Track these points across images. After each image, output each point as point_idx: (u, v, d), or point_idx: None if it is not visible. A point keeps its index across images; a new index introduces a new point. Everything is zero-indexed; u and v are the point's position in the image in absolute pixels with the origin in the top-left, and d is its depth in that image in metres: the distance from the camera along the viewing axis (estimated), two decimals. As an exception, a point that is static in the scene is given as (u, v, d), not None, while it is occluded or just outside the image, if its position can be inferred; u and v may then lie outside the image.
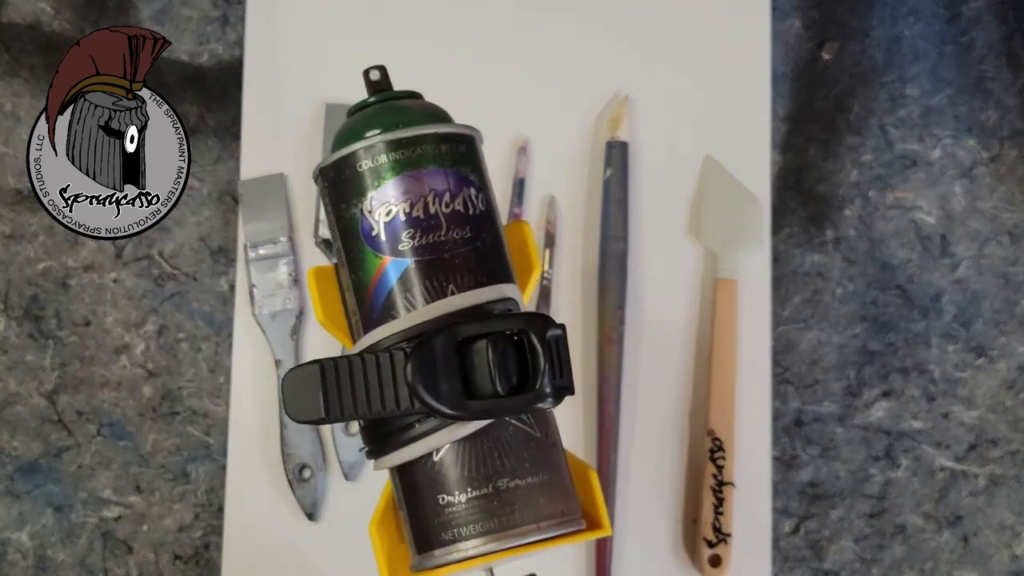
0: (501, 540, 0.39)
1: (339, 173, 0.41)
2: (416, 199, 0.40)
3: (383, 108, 0.42)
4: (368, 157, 0.40)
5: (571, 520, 0.41)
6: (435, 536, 0.40)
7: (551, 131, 0.68)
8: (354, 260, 0.41)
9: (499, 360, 0.38)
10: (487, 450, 0.39)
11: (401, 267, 0.39)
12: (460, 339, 0.38)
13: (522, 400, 0.38)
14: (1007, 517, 0.67)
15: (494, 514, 0.39)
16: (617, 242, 0.66)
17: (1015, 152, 0.70)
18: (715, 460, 0.63)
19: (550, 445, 0.41)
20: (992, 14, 0.71)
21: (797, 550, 0.66)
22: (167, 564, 0.65)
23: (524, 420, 0.40)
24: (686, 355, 0.67)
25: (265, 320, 0.65)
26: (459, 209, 0.40)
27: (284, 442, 0.64)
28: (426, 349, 0.37)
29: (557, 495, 0.40)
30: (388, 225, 0.40)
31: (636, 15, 0.70)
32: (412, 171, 0.40)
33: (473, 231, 0.40)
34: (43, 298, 0.67)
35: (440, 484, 0.39)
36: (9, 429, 0.66)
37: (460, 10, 0.70)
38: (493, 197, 0.42)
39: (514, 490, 0.39)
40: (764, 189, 0.68)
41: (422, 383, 0.37)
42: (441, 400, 0.37)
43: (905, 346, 0.68)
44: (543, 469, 0.40)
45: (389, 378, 0.38)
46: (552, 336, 0.39)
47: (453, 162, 0.41)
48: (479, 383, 0.38)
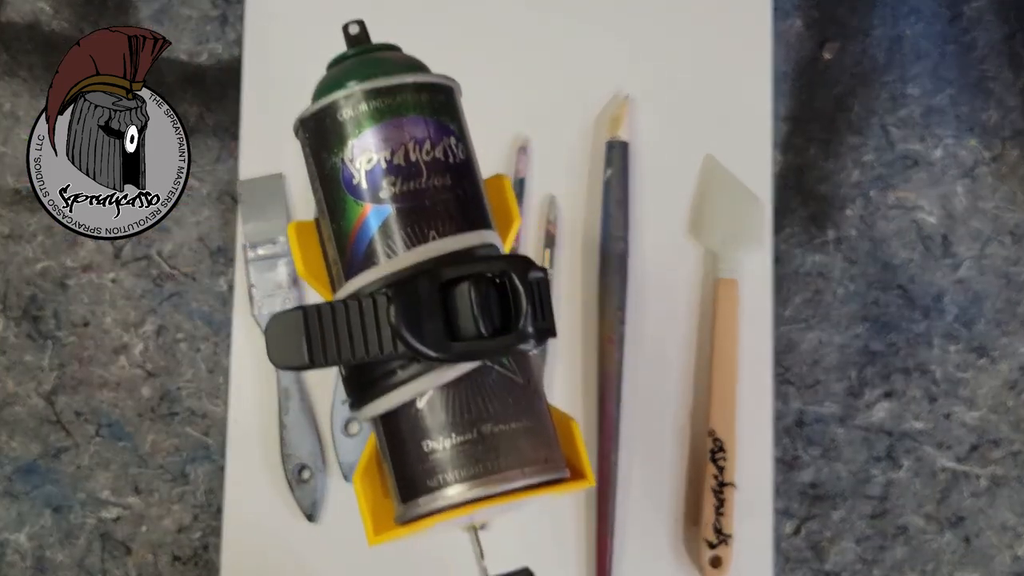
0: (486, 485, 0.39)
1: (320, 123, 0.41)
2: (397, 147, 0.40)
3: (362, 59, 0.42)
4: (348, 106, 0.40)
5: (555, 467, 0.41)
6: (420, 483, 0.39)
7: (551, 131, 0.68)
8: (335, 209, 0.41)
9: (482, 302, 0.38)
10: (470, 396, 0.39)
11: (382, 214, 0.40)
12: (443, 281, 0.38)
13: (505, 341, 0.39)
14: (1009, 518, 0.66)
15: (479, 459, 0.39)
16: (617, 242, 0.66)
17: (1017, 152, 0.70)
18: (716, 461, 0.63)
19: (533, 392, 0.41)
20: (993, 14, 0.71)
21: (798, 551, 0.66)
22: (166, 565, 0.65)
23: (507, 366, 0.40)
24: (687, 355, 0.66)
25: (264, 320, 0.65)
26: (439, 157, 0.40)
27: (283, 443, 0.64)
28: (409, 291, 0.38)
29: (540, 442, 0.40)
30: (369, 173, 0.40)
31: (636, 15, 0.70)
32: (392, 119, 0.40)
33: (453, 179, 0.40)
34: (42, 298, 0.67)
35: (424, 430, 0.39)
36: (8, 430, 0.66)
37: (460, 10, 0.70)
38: (472, 148, 0.43)
39: (498, 435, 0.39)
40: (765, 189, 0.68)
41: (406, 325, 0.37)
42: (425, 342, 0.37)
43: (906, 346, 0.68)
44: (526, 415, 0.40)
45: (372, 322, 0.38)
46: (534, 278, 0.39)
47: (433, 111, 0.41)
48: (462, 325, 0.38)
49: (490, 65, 0.69)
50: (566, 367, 0.66)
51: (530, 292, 0.39)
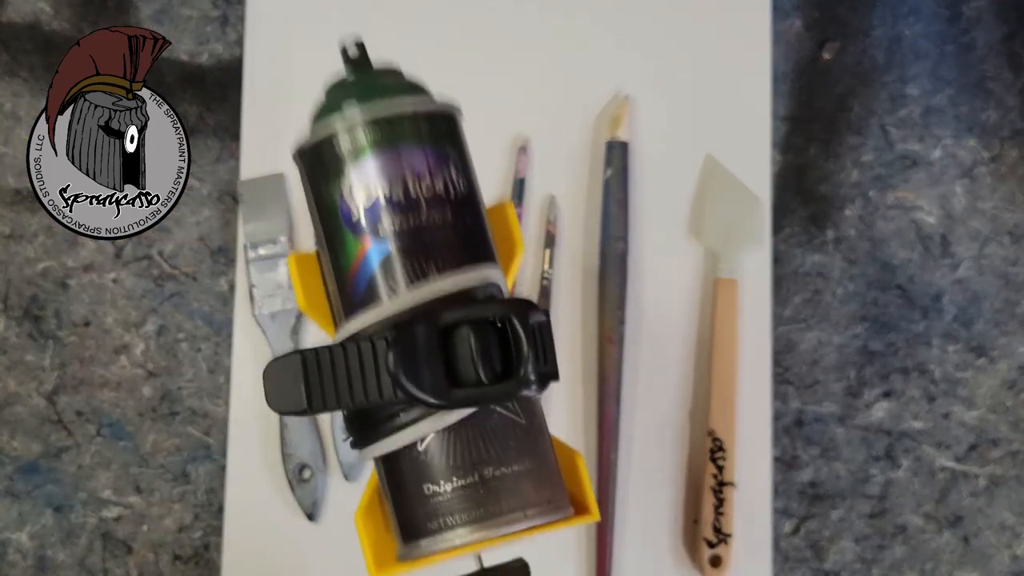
0: (487, 529, 0.38)
1: (318, 155, 0.40)
2: (395, 181, 0.39)
3: (361, 83, 0.41)
4: (347, 137, 0.39)
5: (558, 507, 0.40)
6: (421, 525, 0.39)
7: (551, 131, 0.68)
8: (334, 244, 0.40)
9: (482, 347, 0.37)
10: (472, 438, 0.39)
11: (382, 251, 0.39)
12: (442, 326, 0.37)
13: (506, 387, 0.38)
14: (1008, 517, 0.67)
15: (480, 503, 0.38)
16: (617, 242, 0.66)
17: (1016, 152, 0.70)
18: (715, 460, 0.63)
19: (536, 432, 0.40)
20: (993, 14, 0.71)
21: (798, 550, 0.66)
22: (167, 564, 0.65)
23: (509, 408, 0.39)
24: (686, 355, 0.67)
25: (265, 320, 0.65)
26: (439, 191, 0.39)
27: (284, 442, 0.64)
28: (408, 337, 0.37)
29: (543, 483, 0.40)
30: (368, 209, 0.39)
31: (636, 15, 0.70)
32: (391, 149, 0.39)
33: (454, 213, 0.40)
34: (43, 298, 0.67)
35: (425, 473, 0.39)
36: (9, 429, 0.66)
37: (460, 10, 0.70)
38: (475, 177, 0.42)
39: (500, 478, 0.39)
40: (764, 189, 0.68)
41: (404, 372, 0.37)
42: (424, 389, 0.37)
43: (906, 346, 0.68)
44: (529, 457, 0.39)
45: (372, 367, 0.37)
46: (535, 322, 0.39)
47: (433, 140, 0.40)
48: (462, 371, 0.37)
49: (490, 65, 0.69)
50: (566, 367, 0.66)
51: (531, 336, 0.38)
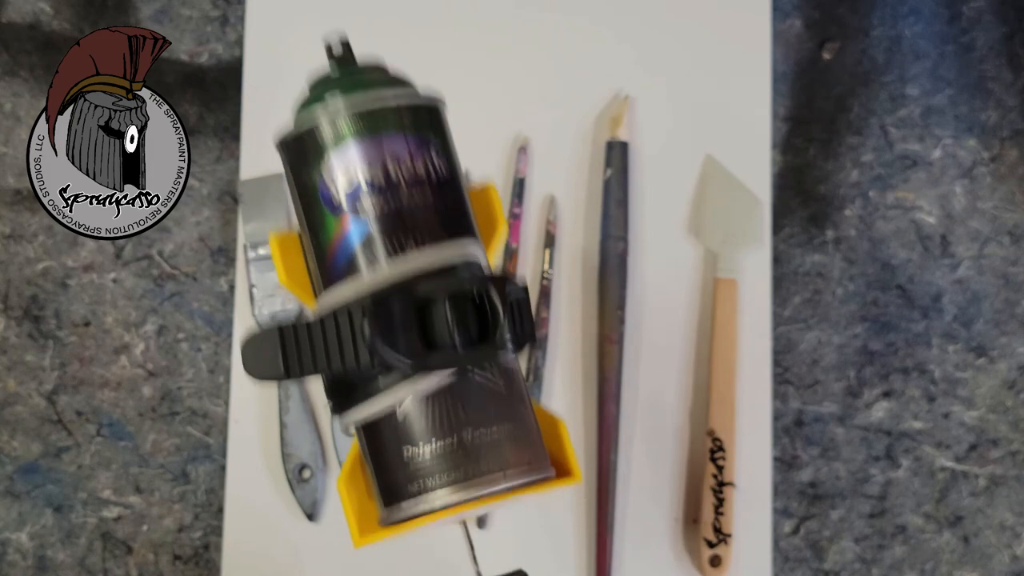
0: (468, 489, 0.39)
1: (300, 143, 0.41)
2: (376, 163, 0.40)
3: (344, 75, 0.43)
4: (328, 122, 0.40)
5: (538, 468, 0.41)
6: (401, 488, 0.40)
7: (551, 131, 0.68)
8: (315, 224, 0.41)
9: (458, 317, 0.39)
10: (451, 403, 0.39)
11: (361, 229, 0.40)
12: (419, 296, 0.39)
13: (481, 351, 0.39)
14: (1007, 517, 0.67)
15: (459, 464, 0.39)
16: (617, 242, 0.66)
17: (1016, 152, 0.70)
18: (715, 460, 0.63)
19: (515, 398, 0.41)
20: (993, 14, 0.71)
21: (797, 550, 0.66)
22: (167, 564, 0.65)
23: (487, 376, 0.40)
24: (686, 355, 0.67)
25: (265, 320, 0.65)
26: (420, 173, 0.40)
27: (284, 442, 0.64)
28: (384, 306, 0.38)
29: (523, 445, 0.41)
30: (348, 189, 0.40)
31: (636, 15, 0.70)
32: (372, 136, 0.40)
33: (435, 194, 0.41)
34: (43, 298, 0.67)
35: (404, 436, 0.40)
36: (9, 429, 0.66)
37: (460, 10, 0.70)
38: (457, 162, 0.43)
39: (479, 440, 0.39)
40: (764, 189, 0.68)
41: (381, 338, 0.37)
42: (400, 352, 0.38)
43: (905, 346, 0.68)
44: (508, 420, 0.40)
45: (348, 335, 0.38)
46: (512, 294, 0.40)
47: (415, 128, 0.41)
48: (439, 337, 0.38)
49: (490, 65, 0.69)
50: (566, 367, 0.66)
51: (508, 306, 0.39)
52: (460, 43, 0.69)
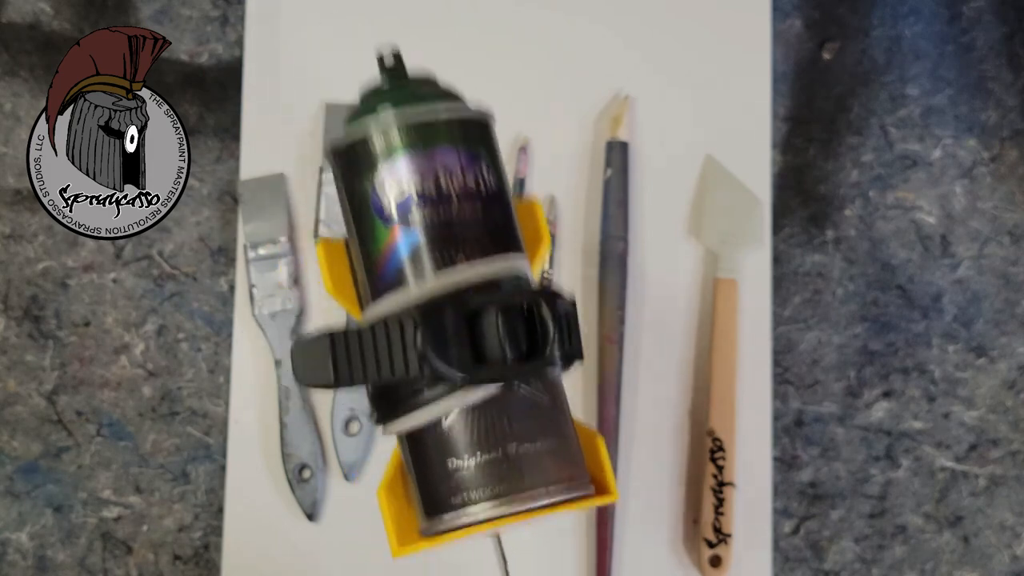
0: (510, 504, 0.39)
1: (351, 152, 0.41)
2: (428, 175, 0.40)
3: (397, 87, 0.43)
4: (380, 134, 0.41)
5: (579, 485, 0.41)
6: (444, 500, 0.40)
7: (551, 131, 0.68)
8: (364, 234, 0.41)
9: (509, 329, 0.39)
10: (496, 416, 0.39)
11: (411, 240, 0.40)
12: (470, 309, 0.39)
13: (531, 366, 0.39)
14: (1007, 517, 0.67)
15: (503, 478, 0.39)
16: (617, 242, 0.66)
17: (1016, 152, 0.70)
18: (715, 460, 0.63)
19: (559, 412, 0.41)
20: (993, 14, 0.71)
21: (797, 550, 0.66)
22: (167, 564, 0.65)
23: (533, 388, 0.40)
24: (686, 355, 0.67)
25: (265, 320, 0.65)
26: (471, 186, 0.41)
27: (284, 442, 0.64)
28: (436, 317, 0.38)
29: (565, 460, 0.41)
30: (399, 200, 0.40)
31: (636, 15, 0.70)
32: (424, 149, 0.40)
33: (484, 208, 0.41)
34: (43, 298, 0.67)
35: (449, 448, 0.40)
36: (9, 429, 0.66)
37: (460, 10, 0.70)
38: (505, 176, 0.43)
39: (523, 454, 0.39)
40: (764, 189, 0.68)
41: (432, 349, 0.38)
42: (451, 365, 0.38)
43: (905, 346, 0.68)
44: (552, 435, 0.40)
45: (399, 344, 0.38)
46: (562, 307, 0.40)
47: (465, 142, 0.41)
48: (488, 350, 0.38)
49: (490, 65, 0.69)
50: (566, 367, 0.66)
51: (558, 320, 0.39)
52: (460, 43, 0.69)
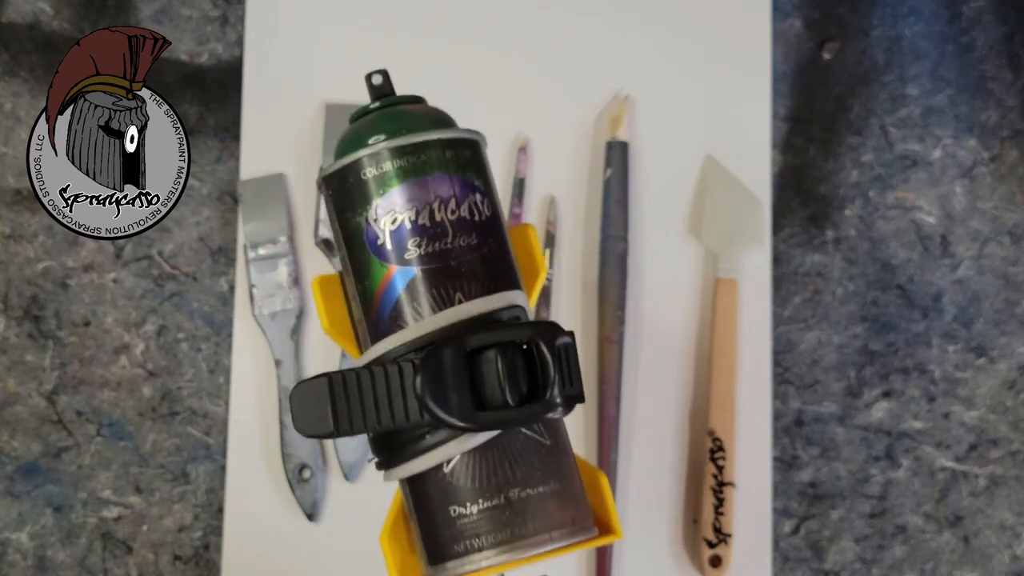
0: (514, 551, 0.38)
1: (343, 181, 0.40)
2: (422, 206, 0.39)
3: (387, 114, 0.42)
4: (372, 165, 0.40)
5: (583, 528, 0.40)
6: (447, 548, 0.39)
7: (551, 131, 0.68)
8: (360, 269, 0.40)
9: (509, 370, 0.38)
10: (498, 460, 0.39)
11: (408, 276, 0.39)
12: (469, 349, 0.38)
13: (533, 410, 0.38)
14: (1007, 517, 0.67)
15: (506, 524, 0.39)
16: (617, 242, 0.66)
17: (1016, 152, 0.70)
18: (715, 460, 0.63)
19: (561, 453, 0.41)
20: (993, 14, 0.71)
21: (797, 550, 0.66)
22: (167, 564, 0.65)
23: (534, 429, 0.40)
24: (686, 355, 0.67)
25: (265, 320, 0.65)
26: (465, 216, 0.40)
27: (284, 442, 0.64)
28: (434, 360, 0.37)
29: (568, 503, 0.40)
30: (394, 234, 0.39)
31: (636, 15, 0.70)
32: (417, 178, 0.40)
33: (479, 238, 0.40)
34: (43, 298, 0.67)
35: (451, 495, 0.39)
36: (9, 429, 0.66)
37: (460, 10, 0.70)
38: (498, 202, 0.42)
39: (526, 500, 0.39)
40: (764, 189, 0.68)
41: (431, 395, 0.37)
42: (451, 412, 0.37)
43: (905, 346, 0.68)
44: (554, 477, 0.40)
45: (398, 390, 0.37)
46: (561, 344, 0.39)
47: (458, 168, 0.40)
48: (489, 393, 0.38)
49: (490, 65, 0.69)
50: (566, 367, 0.66)
51: (557, 359, 0.38)
52: (460, 43, 0.69)
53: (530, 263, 0.44)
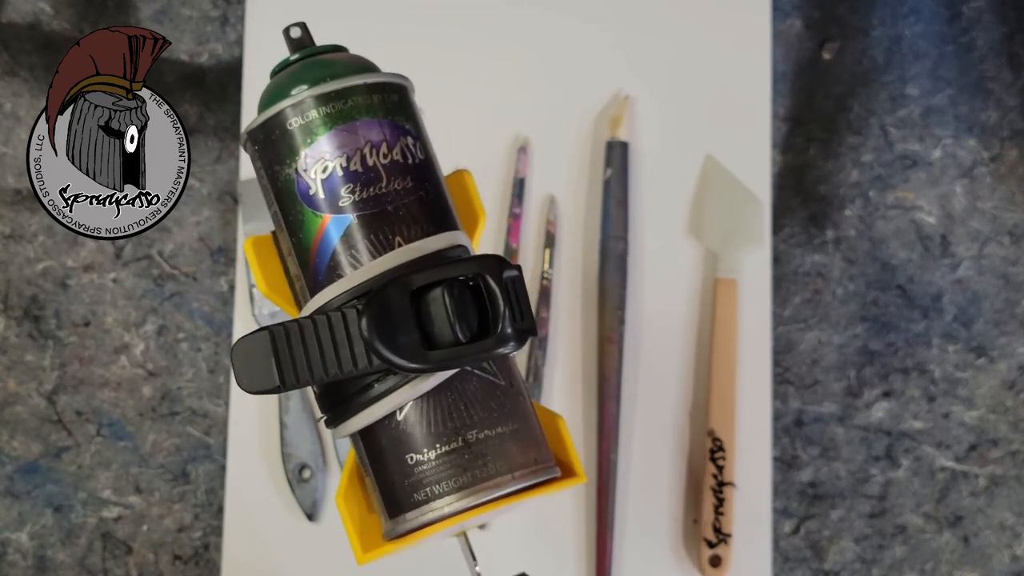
0: (476, 494, 0.37)
1: (269, 134, 0.39)
2: (352, 152, 0.38)
3: (308, 64, 0.41)
4: (297, 115, 0.39)
5: (545, 468, 0.39)
6: (406, 498, 0.38)
7: (551, 131, 0.68)
8: (293, 223, 0.39)
9: (457, 307, 0.37)
10: (452, 403, 0.38)
11: (343, 224, 0.38)
12: (414, 288, 0.37)
13: (484, 345, 0.37)
14: (1007, 517, 0.67)
15: (466, 468, 0.38)
16: (617, 242, 0.66)
17: (1015, 152, 0.70)
18: (715, 460, 0.63)
19: (516, 394, 0.40)
20: (992, 14, 0.71)
21: (797, 550, 0.66)
22: (167, 564, 0.65)
23: (487, 370, 0.39)
24: (686, 355, 0.67)
25: (265, 320, 0.65)
26: (398, 159, 0.39)
27: (284, 442, 0.64)
28: (379, 302, 0.36)
29: (528, 444, 0.39)
30: (325, 182, 0.38)
31: (636, 15, 0.70)
32: (345, 124, 0.39)
33: (415, 181, 0.39)
34: (43, 298, 0.67)
35: (407, 443, 0.38)
36: (9, 429, 0.66)
37: (460, 10, 0.70)
38: (431, 147, 0.41)
39: (484, 441, 0.38)
40: (764, 189, 0.68)
41: (379, 338, 0.36)
42: (400, 353, 0.36)
43: (905, 346, 0.68)
44: (512, 418, 0.39)
45: (344, 337, 0.36)
46: (508, 277, 0.38)
47: (387, 112, 0.39)
48: (438, 333, 0.37)
49: (490, 65, 0.69)
50: (566, 367, 0.66)
51: (506, 292, 0.37)
52: (460, 43, 0.69)
53: (469, 208, 0.43)
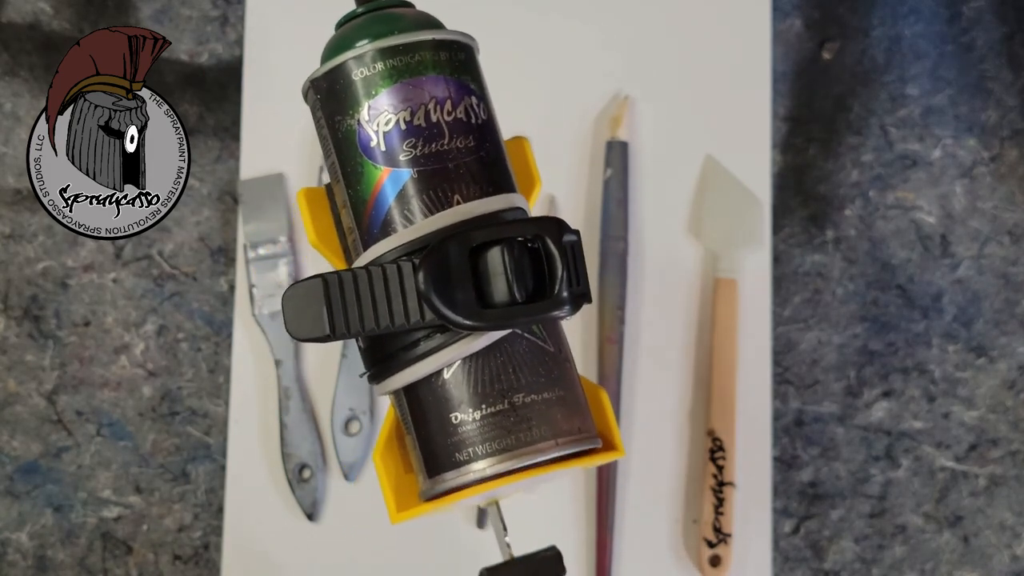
0: (518, 458, 0.37)
1: (332, 84, 0.39)
2: (416, 107, 0.38)
3: (375, 16, 0.40)
4: (362, 66, 0.38)
5: (588, 438, 0.39)
6: (447, 458, 0.37)
7: (551, 131, 0.68)
8: (351, 174, 0.39)
9: (516, 266, 0.36)
10: (501, 365, 0.37)
11: (402, 178, 0.38)
12: (473, 245, 0.36)
13: (540, 307, 0.36)
14: (1007, 517, 0.67)
15: (510, 430, 0.37)
16: (617, 242, 0.66)
17: (1016, 152, 0.70)
18: (715, 460, 0.63)
19: (564, 360, 0.39)
20: (993, 14, 0.71)
21: (797, 550, 0.66)
22: (167, 564, 0.65)
23: (537, 334, 0.38)
24: (686, 355, 0.67)
25: (265, 320, 0.65)
26: (461, 117, 0.38)
27: (284, 442, 0.64)
28: (438, 257, 0.36)
29: (574, 412, 0.38)
30: (387, 135, 0.38)
31: (636, 15, 0.70)
32: (411, 79, 0.38)
33: (476, 140, 0.39)
34: (43, 298, 0.67)
35: (451, 402, 0.37)
36: (9, 429, 0.66)
37: (459, 10, 0.70)
38: (493, 109, 0.41)
39: (531, 405, 0.37)
40: (764, 189, 0.68)
41: (436, 292, 0.35)
42: (456, 309, 0.35)
43: (905, 346, 0.68)
44: (559, 385, 0.38)
45: (398, 290, 0.36)
46: (568, 241, 0.37)
47: (453, 70, 0.39)
48: (494, 292, 0.36)
49: (490, 65, 0.69)
50: (566, 367, 0.66)
51: (564, 256, 0.37)
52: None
53: (527, 174, 0.42)
